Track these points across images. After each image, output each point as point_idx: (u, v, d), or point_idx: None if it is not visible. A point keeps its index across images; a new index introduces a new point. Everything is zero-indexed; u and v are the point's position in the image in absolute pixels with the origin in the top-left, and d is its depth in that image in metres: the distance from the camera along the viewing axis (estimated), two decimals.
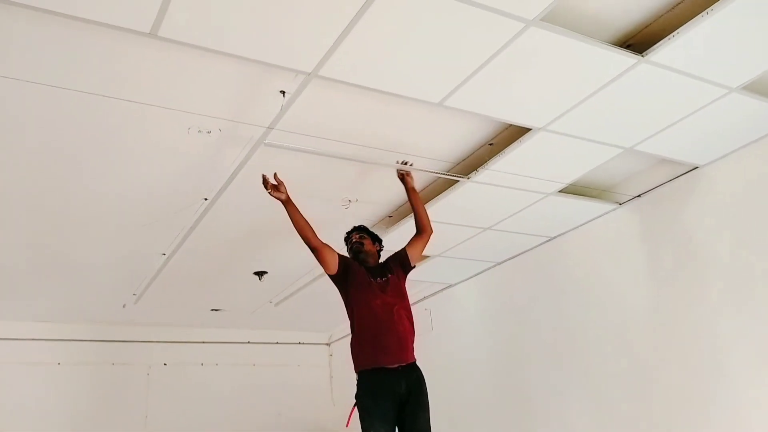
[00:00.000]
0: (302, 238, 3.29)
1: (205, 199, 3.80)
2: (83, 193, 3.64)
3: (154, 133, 3.09)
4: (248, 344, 6.90)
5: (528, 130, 3.26)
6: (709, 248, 3.67)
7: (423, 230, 3.59)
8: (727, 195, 3.64)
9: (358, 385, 3.27)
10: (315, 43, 2.46)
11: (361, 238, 3.61)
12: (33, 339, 5.85)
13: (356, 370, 3.31)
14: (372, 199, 4.01)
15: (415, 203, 3.57)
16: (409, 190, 3.55)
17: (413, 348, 3.36)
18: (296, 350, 7.13)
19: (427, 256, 4.91)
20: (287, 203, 3.24)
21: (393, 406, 3.19)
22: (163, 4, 2.17)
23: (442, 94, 2.86)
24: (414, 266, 3.61)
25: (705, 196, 3.74)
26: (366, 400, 3.20)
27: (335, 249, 3.39)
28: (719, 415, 3.50)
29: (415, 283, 5.72)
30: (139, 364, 6.34)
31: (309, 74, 2.64)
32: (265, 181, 3.20)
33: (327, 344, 7.25)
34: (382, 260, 3.62)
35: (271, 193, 3.20)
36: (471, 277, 5.42)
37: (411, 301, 5.80)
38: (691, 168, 3.79)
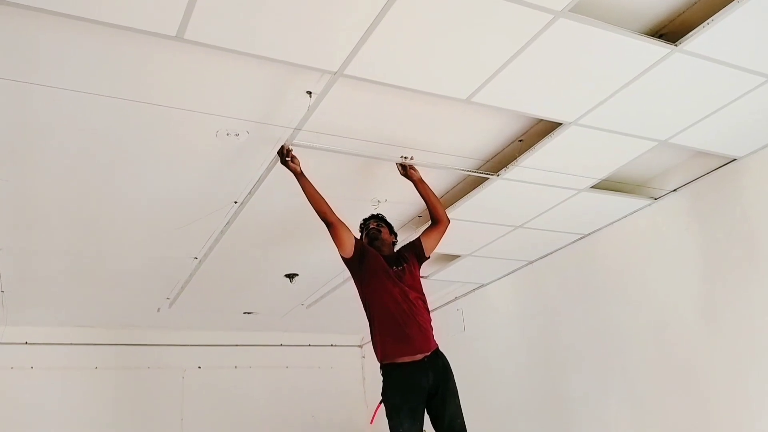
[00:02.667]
0: (318, 213, 3.22)
1: (235, 203, 3.81)
2: (116, 199, 3.69)
3: (182, 137, 3.11)
4: (281, 347, 6.93)
5: (559, 124, 3.21)
6: (750, 243, 3.56)
7: (439, 221, 3.51)
8: (767, 186, 3.51)
9: (384, 381, 3.23)
10: (340, 42, 2.45)
11: (379, 226, 3.55)
12: (70, 344, 5.96)
13: (380, 361, 3.25)
14: (401, 199, 3.98)
15: (425, 194, 3.48)
16: (417, 182, 3.46)
17: (433, 336, 3.32)
18: (329, 352, 7.14)
19: (457, 256, 4.86)
20: (301, 177, 3.18)
21: (421, 400, 3.15)
22: (189, 7, 2.18)
23: (469, 90, 2.82)
24: (428, 257, 3.54)
25: (744, 188, 3.63)
26: (393, 398, 3.16)
27: (352, 232, 3.32)
28: (762, 413, 3.38)
29: (446, 284, 5.69)
30: (174, 368, 6.41)
31: (335, 73, 2.63)
32: (283, 151, 3.13)
33: (359, 346, 7.24)
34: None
35: (289, 163, 3.13)
36: (503, 277, 5.35)
37: (442, 303, 5.90)
38: (729, 160, 3.68)
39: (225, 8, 2.22)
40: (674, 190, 3.98)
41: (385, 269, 3.34)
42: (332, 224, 3.24)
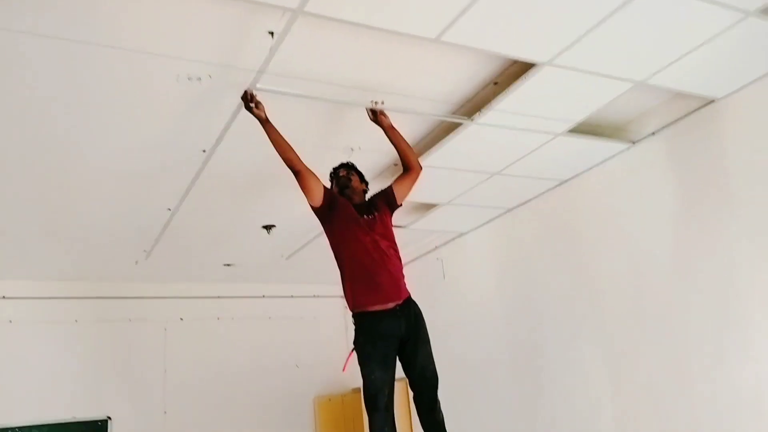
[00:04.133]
0: (284, 161, 3.13)
1: (204, 151, 3.71)
2: (80, 148, 3.58)
3: (143, 82, 2.99)
4: (263, 298, 6.91)
5: (533, 65, 3.10)
6: (728, 186, 3.52)
7: (410, 168, 3.43)
8: (747, 129, 3.46)
9: (356, 329, 3.22)
10: None
11: (349, 174, 3.47)
12: (49, 297, 5.89)
13: (351, 309, 3.24)
14: (375, 147, 3.86)
15: (396, 141, 3.39)
16: (387, 128, 3.35)
17: (405, 283, 3.29)
18: (311, 303, 7.14)
19: (435, 205, 4.81)
20: (266, 123, 3.07)
21: (393, 348, 3.15)
22: None
23: (438, 28, 2.71)
24: (400, 205, 3.48)
25: (723, 130, 3.57)
26: (365, 346, 3.15)
27: (320, 180, 3.25)
28: (737, 362, 3.40)
29: (425, 233, 5.66)
30: (155, 320, 6.38)
31: (295, 10, 2.51)
32: (247, 96, 3.00)
33: (342, 297, 7.19)
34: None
35: (253, 109, 3.01)
36: (482, 225, 5.32)
37: (422, 252, 5.88)
38: (707, 102, 3.61)
39: None
40: (652, 134, 3.92)
41: (356, 218, 3.28)
42: (299, 172, 3.16)
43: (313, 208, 3.31)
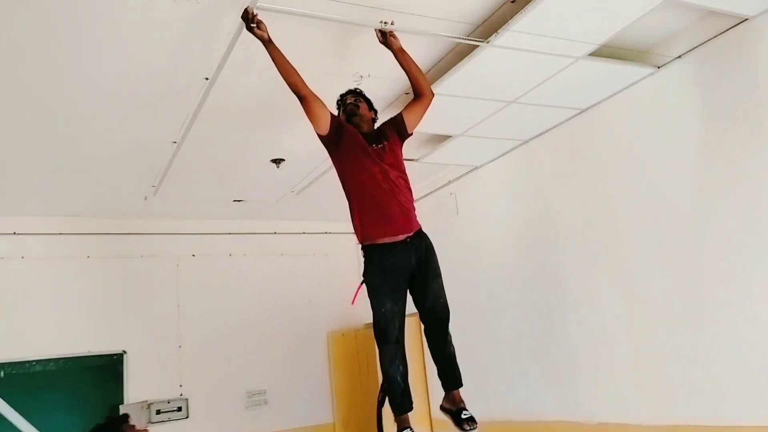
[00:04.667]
0: (289, 86, 2.99)
1: (206, 79, 3.55)
2: (78, 79, 3.46)
3: (137, 3, 2.82)
4: (275, 234, 6.86)
5: None
6: (759, 115, 3.31)
7: (422, 94, 3.27)
8: None
9: (365, 262, 3.14)
10: None
11: (357, 101, 3.33)
12: (60, 233, 5.86)
13: (361, 242, 3.16)
14: (386, 74, 3.68)
15: (407, 65, 3.20)
16: (397, 51, 3.15)
17: (416, 216, 3.19)
18: (323, 239, 7.08)
19: (448, 136, 4.64)
20: (269, 44, 2.89)
21: (404, 280, 3.08)
22: None
23: None
24: (411, 133, 3.34)
25: (756, 52, 3.34)
26: (375, 278, 3.08)
27: (327, 107, 3.11)
28: (758, 294, 3.28)
29: (439, 167, 5.52)
30: (167, 256, 6.37)
31: None
32: (247, 15, 2.79)
33: (353, 233, 7.15)
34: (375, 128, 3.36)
35: (254, 29, 2.82)
36: (497, 158, 5.15)
37: (436, 187, 5.74)
38: (740, 20, 3.36)
39: None
40: (679, 57, 3.68)
41: (364, 147, 3.15)
42: (305, 97, 3.02)
43: (319, 136, 3.18)
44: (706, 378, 3.53)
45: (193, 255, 6.49)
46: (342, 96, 3.41)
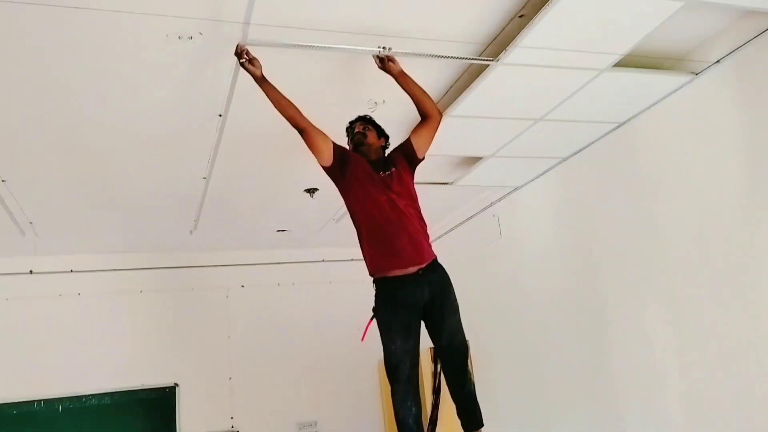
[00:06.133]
0: (287, 120, 2.93)
1: (220, 115, 3.56)
2: (94, 121, 3.55)
3: (134, 44, 2.86)
4: (323, 262, 6.83)
5: None
6: None
7: (428, 115, 3.12)
8: None
9: (375, 295, 3.01)
10: None
11: (365, 129, 3.21)
12: (114, 269, 6.05)
13: (371, 274, 3.04)
14: (401, 99, 3.53)
15: (409, 88, 3.07)
16: (397, 76, 3.03)
17: (429, 246, 3.03)
18: None
19: (479, 158, 4.45)
20: (262, 81, 2.84)
21: (416, 316, 2.94)
22: None
23: None
24: (422, 158, 3.18)
25: None
26: (384, 314, 2.96)
27: (329, 137, 3.02)
28: None
29: (479, 189, 5.34)
30: (217, 288, 6.45)
31: None
32: (239, 51, 2.75)
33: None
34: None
35: (245, 64, 2.76)
36: (537, 177, 4.90)
37: (478, 209, 5.54)
38: None
39: None
40: (717, 62, 3.36)
41: (371, 175, 3.04)
42: (304, 130, 2.96)
43: (323, 168, 3.09)
44: (765, 417, 3.15)
45: (242, 286, 6.55)
46: (351, 123, 3.31)
